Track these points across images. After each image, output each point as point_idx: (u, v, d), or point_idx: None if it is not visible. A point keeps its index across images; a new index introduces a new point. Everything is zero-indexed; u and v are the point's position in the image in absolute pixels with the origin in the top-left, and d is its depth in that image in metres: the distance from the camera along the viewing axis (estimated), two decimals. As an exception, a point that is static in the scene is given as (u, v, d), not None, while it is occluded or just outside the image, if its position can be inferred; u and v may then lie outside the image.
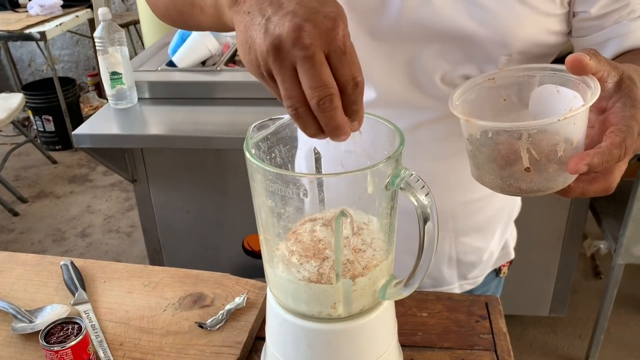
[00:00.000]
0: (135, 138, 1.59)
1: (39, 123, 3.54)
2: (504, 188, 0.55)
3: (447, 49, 0.71)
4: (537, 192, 0.54)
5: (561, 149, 0.51)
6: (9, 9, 3.42)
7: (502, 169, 0.54)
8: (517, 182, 0.54)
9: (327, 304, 0.54)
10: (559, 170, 0.52)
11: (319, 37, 0.43)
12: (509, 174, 0.54)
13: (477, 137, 0.55)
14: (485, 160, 0.55)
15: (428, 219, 0.49)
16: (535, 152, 0.51)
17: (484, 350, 0.73)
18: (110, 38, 1.56)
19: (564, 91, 0.55)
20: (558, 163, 0.52)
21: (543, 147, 0.51)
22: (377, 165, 0.49)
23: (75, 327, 0.67)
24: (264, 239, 0.56)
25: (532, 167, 0.52)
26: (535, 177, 0.53)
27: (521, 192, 0.54)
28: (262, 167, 0.50)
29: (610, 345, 2.06)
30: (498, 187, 0.55)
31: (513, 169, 0.53)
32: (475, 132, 0.55)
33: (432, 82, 0.74)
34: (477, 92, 0.60)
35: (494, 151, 0.54)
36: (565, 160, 0.51)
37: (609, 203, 1.94)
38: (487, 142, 0.54)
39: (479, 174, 0.57)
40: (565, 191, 0.55)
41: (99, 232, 2.82)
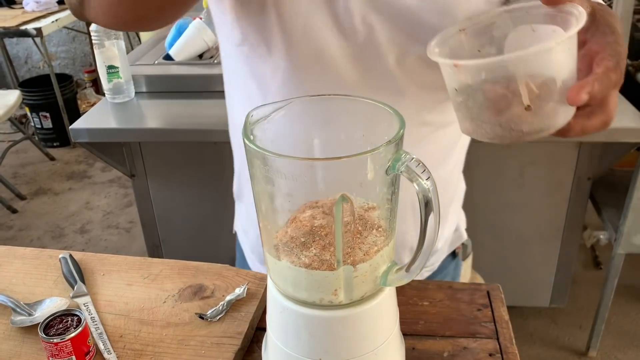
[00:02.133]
0: (133, 132, 1.58)
1: (37, 120, 3.53)
2: (504, 135, 0.51)
3: (395, 31, 0.68)
4: (539, 132, 0.51)
5: (559, 80, 0.49)
6: (5, 5, 3.40)
7: (500, 113, 0.50)
8: (518, 125, 0.50)
9: (328, 290, 0.53)
10: (559, 104, 0.50)
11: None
12: (509, 117, 0.50)
13: (468, 83, 0.51)
14: (480, 107, 0.51)
15: (430, 202, 0.48)
16: (535, 85, 0.48)
17: (486, 338, 0.73)
18: (106, 32, 1.55)
19: (540, 28, 0.52)
20: (557, 96, 0.49)
21: (540, 79, 0.49)
22: (377, 149, 0.48)
23: (74, 319, 0.67)
24: (264, 226, 0.56)
25: (532, 104, 0.49)
26: (535, 116, 0.50)
27: (524, 135, 0.51)
28: (262, 152, 0.49)
29: (610, 335, 2.06)
30: (497, 136, 0.52)
31: (512, 110, 0.50)
32: (466, 78, 0.51)
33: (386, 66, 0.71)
34: (449, 45, 0.57)
35: (491, 94, 0.50)
36: (564, 92, 0.49)
37: (609, 193, 1.94)
38: (482, 85, 0.50)
39: (474, 126, 0.53)
40: (565, 131, 0.53)
41: (98, 228, 2.82)
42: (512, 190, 1.83)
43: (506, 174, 1.80)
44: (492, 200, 1.85)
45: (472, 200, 1.89)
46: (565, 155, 1.74)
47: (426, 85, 0.72)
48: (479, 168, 1.79)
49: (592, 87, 0.48)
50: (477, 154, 1.82)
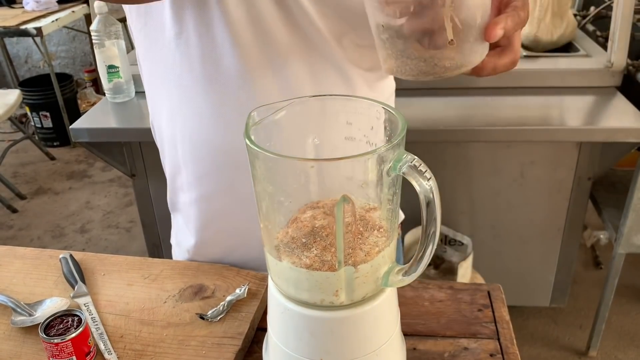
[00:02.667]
0: (133, 131, 1.58)
1: (37, 119, 3.53)
2: (428, 71, 0.54)
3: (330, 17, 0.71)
4: (459, 67, 0.54)
5: (479, 16, 0.52)
6: (5, 4, 3.40)
7: (424, 48, 0.53)
8: (441, 61, 0.53)
9: (329, 291, 0.53)
10: (477, 40, 0.53)
11: None
12: (432, 53, 0.53)
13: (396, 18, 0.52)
14: (405, 43, 0.53)
15: (431, 203, 0.48)
16: (459, 20, 0.51)
17: (486, 338, 0.73)
18: (106, 31, 1.55)
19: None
20: (477, 32, 0.53)
21: (464, 14, 0.51)
22: (378, 149, 0.48)
23: (75, 319, 0.67)
24: (265, 227, 0.56)
25: (456, 38, 0.52)
26: (457, 52, 0.53)
27: (445, 71, 0.54)
28: (263, 152, 0.49)
29: (611, 335, 2.06)
30: (421, 72, 0.54)
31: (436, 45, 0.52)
32: (393, 12, 0.52)
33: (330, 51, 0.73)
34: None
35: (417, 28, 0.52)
36: (481, 29, 0.53)
37: (609, 193, 1.93)
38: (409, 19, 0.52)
39: (399, 63, 0.55)
40: (479, 69, 0.57)
41: (98, 227, 2.82)
42: (512, 190, 1.83)
43: (506, 174, 1.80)
44: (493, 200, 1.85)
45: (473, 200, 1.89)
46: (566, 155, 1.74)
47: (363, 66, 0.77)
48: (479, 168, 1.79)
49: (506, 23, 0.53)
50: (477, 154, 1.83)
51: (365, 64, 0.77)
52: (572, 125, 1.51)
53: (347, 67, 0.76)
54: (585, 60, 1.72)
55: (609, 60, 1.63)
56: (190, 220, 0.87)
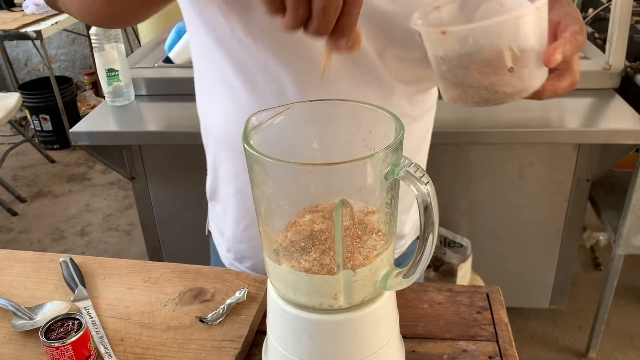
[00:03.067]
0: (133, 135, 1.58)
1: (36, 122, 3.53)
2: (489, 98, 0.55)
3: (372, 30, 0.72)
4: (520, 93, 0.55)
5: (537, 43, 0.54)
6: (5, 8, 3.40)
7: (485, 77, 0.54)
8: (502, 87, 0.55)
9: (328, 294, 0.54)
10: (537, 66, 0.55)
11: None
12: (493, 80, 0.54)
13: (455, 49, 0.54)
14: (465, 73, 0.55)
15: (429, 207, 0.49)
16: (517, 49, 0.53)
17: (485, 341, 0.73)
18: (106, 35, 1.55)
19: (507, 3, 0.56)
20: (535, 58, 0.54)
21: (522, 42, 0.53)
22: (376, 154, 0.48)
23: (75, 323, 0.67)
24: (264, 231, 0.56)
25: (515, 67, 0.53)
26: (516, 78, 0.54)
27: (506, 97, 0.55)
28: (261, 157, 0.49)
29: (610, 337, 2.06)
30: (482, 99, 0.56)
31: (496, 73, 0.54)
32: (453, 45, 0.54)
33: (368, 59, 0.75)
34: (427, 20, 0.61)
35: (476, 59, 0.53)
36: (540, 55, 0.54)
37: (608, 194, 1.94)
38: (468, 50, 0.53)
39: (460, 92, 0.57)
40: (539, 93, 0.58)
41: (98, 230, 2.82)
42: (511, 191, 1.83)
43: (505, 175, 1.81)
44: (492, 202, 1.86)
45: (472, 201, 1.90)
46: (565, 156, 1.74)
47: (404, 79, 0.77)
48: (479, 170, 1.79)
49: (564, 48, 0.54)
50: (477, 156, 1.83)
51: (406, 77, 0.78)
52: (571, 127, 1.51)
53: (388, 80, 0.77)
54: (583, 62, 1.72)
55: (607, 62, 1.63)
56: (228, 211, 0.92)
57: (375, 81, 0.76)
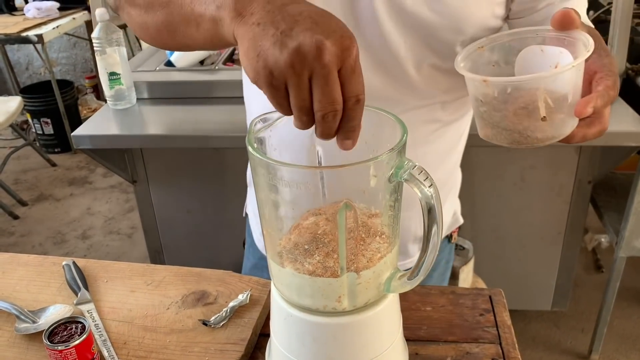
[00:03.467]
0: (135, 138, 1.58)
1: (38, 126, 3.54)
2: (521, 141, 0.60)
3: (413, 41, 0.74)
4: (551, 139, 0.59)
5: (570, 96, 0.57)
6: (6, 12, 3.41)
7: (519, 122, 0.58)
8: (534, 133, 0.58)
9: (332, 297, 0.54)
10: (568, 115, 0.58)
11: (336, 55, 0.47)
12: (526, 126, 0.58)
13: (494, 96, 0.58)
14: (502, 117, 0.59)
15: (433, 209, 0.49)
16: (551, 100, 0.56)
17: (488, 343, 0.73)
18: (108, 38, 1.56)
19: (548, 49, 0.60)
20: (568, 109, 0.57)
21: (557, 95, 0.57)
22: (380, 157, 0.49)
23: (78, 326, 0.67)
24: (268, 234, 0.56)
25: (548, 116, 0.57)
26: (549, 125, 0.58)
27: (537, 142, 0.59)
28: (265, 160, 0.49)
29: (613, 339, 2.05)
30: (515, 141, 0.60)
31: (530, 120, 0.58)
32: (492, 92, 0.58)
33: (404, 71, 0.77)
34: (470, 60, 0.65)
35: (514, 106, 0.57)
36: (572, 106, 0.57)
37: (609, 196, 1.94)
38: (506, 98, 0.57)
39: (494, 132, 0.61)
40: (569, 138, 0.61)
41: (99, 234, 2.82)
42: (513, 194, 1.83)
43: (507, 178, 1.81)
44: (494, 204, 1.86)
45: (474, 204, 1.90)
46: (566, 159, 1.74)
47: (441, 87, 0.80)
48: (480, 172, 1.79)
49: (596, 102, 0.56)
50: (478, 158, 1.83)
51: (443, 86, 0.80)
52: (572, 130, 1.51)
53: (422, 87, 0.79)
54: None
55: (608, 64, 1.63)
56: None
57: (409, 87, 0.78)
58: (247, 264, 1.11)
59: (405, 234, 0.91)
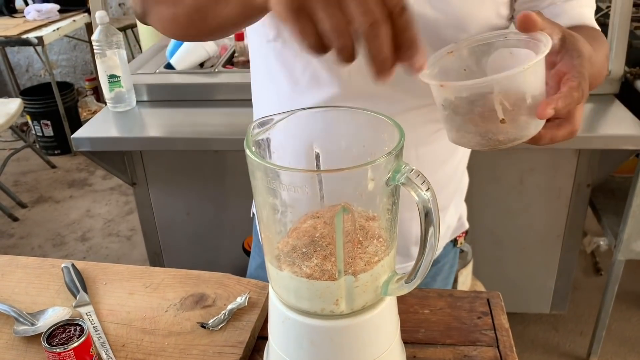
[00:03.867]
0: (135, 141, 1.59)
1: (38, 128, 3.54)
2: (484, 143, 0.59)
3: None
4: (513, 141, 0.58)
5: (529, 97, 0.56)
6: (6, 14, 3.42)
7: (480, 125, 0.58)
8: (495, 135, 0.58)
9: (329, 300, 0.54)
10: (530, 117, 0.57)
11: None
12: (486, 128, 0.58)
13: (452, 100, 0.58)
14: (462, 120, 0.59)
15: (430, 213, 0.49)
16: (507, 102, 0.56)
17: (486, 346, 0.73)
18: (108, 41, 1.56)
19: (516, 52, 0.60)
20: (528, 111, 0.57)
21: (513, 97, 0.56)
22: (377, 160, 0.49)
23: (77, 328, 0.67)
24: (266, 237, 0.56)
25: (506, 118, 0.57)
26: (510, 127, 0.57)
27: (500, 144, 0.59)
28: (263, 164, 0.50)
29: (611, 342, 2.06)
30: (479, 144, 0.60)
31: (490, 123, 0.57)
32: (450, 96, 0.58)
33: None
34: (439, 66, 0.64)
35: (471, 109, 0.57)
36: (534, 107, 0.56)
37: (608, 199, 1.94)
38: (464, 102, 0.57)
39: (459, 135, 0.61)
40: (536, 139, 0.60)
41: (98, 236, 2.82)
42: (512, 197, 1.83)
43: (506, 180, 1.81)
44: (493, 207, 1.86)
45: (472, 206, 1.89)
46: (565, 162, 1.74)
47: None
48: (479, 175, 1.79)
49: (557, 104, 0.55)
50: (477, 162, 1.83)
51: None
52: (571, 133, 1.52)
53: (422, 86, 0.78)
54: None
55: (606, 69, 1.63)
56: None
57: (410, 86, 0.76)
58: (253, 264, 1.11)
59: (407, 235, 0.90)
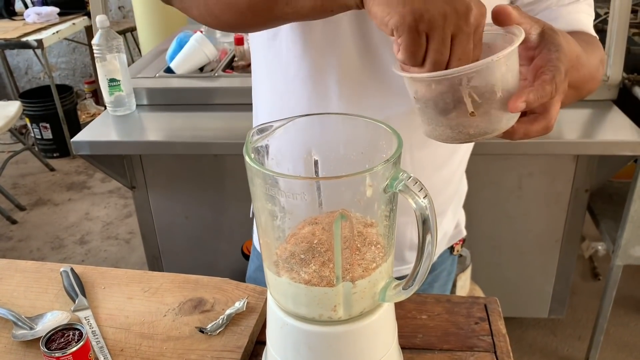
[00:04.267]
0: (134, 144, 1.59)
1: (37, 131, 3.54)
2: (455, 136, 0.58)
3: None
4: (484, 134, 0.58)
5: (499, 90, 0.55)
6: (6, 17, 3.42)
7: (449, 118, 0.57)
8: (466, 128, 0.57)
9: (327, 306, 0.54)
10: (501, 111, 0.56)
11: (477, 19, 0.51)
12: (457, 122, 0.57)
13: (423, 92, 0.58)
14: (433, 113, 0.58)
15: (427, 220, 0.49)
16: (477, 95, 0.55)
17: (483, 351, 0.73)
18: (108, 45, 1.56)
19: (493, 45, 0.59)
20: (499, 104, 0.56)
21: (483, 90, 0.55)
22: (375, 168, 0.49)
23: (76, 333, 0.68)
24: (264, 243, 0.57)
25: (476, 111, 0.56)
26: (480, 120, 0.57)
27: (471, 137, 0.58)
28: (262, 170, 0.50)
29: (609, 347, 2.06)
30: (450, 137, 0.59)
31: (459, 116, 0.57)
32: (421, 88, 0.58)
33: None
34: None
35: (440, 101, 0.57)
36: (505, 101, 0.56)
37: (606, 205, 1.94)
38: (433, 94, 0.57)
39: (430, 129, 0.60)
40: (510, 133, 0.59)
41: (97, 239, 2.82)
42: (510, 201, 1.84)
43: (504, 185, 1.81)
44: (491, 212, 1.86)
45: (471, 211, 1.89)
46: (563, 167, 1.75)
47: None
48: (478, 180, 1.80)
49: (528, 97, 0.55)
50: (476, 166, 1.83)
51: None
52: (569, 139, 1.52)
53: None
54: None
55: (605, 74, 1.64)
56: None
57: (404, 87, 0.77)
58: (252, 266, 1.11)
59: (401, 239, 0.91)
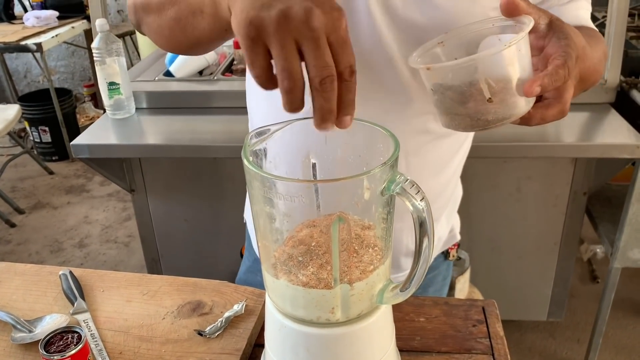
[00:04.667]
0: (133, 148, 1.59)
1: (36, 134, 3.54)
2: (473, 124, 0.60)
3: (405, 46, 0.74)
4: (502, 120, 0.59)
5: (515, 76, 0.57)
6: (5, 20, 3.43)
7: (467, 106, 0.59)
8: (484, 115, 0.59)
9: (325, 308, 0.54)
10: (517, 96, 0.58)
11: (326, 24, 0.47)
12: (475, 109, 0.58)
13: (440, 83, 0.59)
14: (451, 103, 0.59)
15: (424, 223, 0.50)
16: (493, 82, 0.57)
17: (481, 354, 0.73)
18: (107, 49, 1.57)
19: (504, 38, 0.60)
20: (515, 90, 0.57)
21: (498, 77, 0.57)
22: (372, 171, 0.49)
23: (74, 336, 0.68)
24: (262, 245, 0.57)
25: (493, 98, 0.57)
26: (497, 106, 0.58)
27: (489, 124, 0.59)
28: (260, 173, 0.50)
29: (608, 349, 2.06)
30: (469, 126, 0.60)
31: (477, 104, 0.58)
32: (437, 79, 0.59)
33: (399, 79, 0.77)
34: (430, 56, 0.65)
35: (457, 91, 0.58)
36: (521, 86, 0.57)
37: (604, 207, 1.95)
38: (450, 83, 0.58)
39: (449, 119, 0.61)
40: (526, 119, 0.61)
41: (96, 242, 2.82)
42: (509, 204, 1.84)
43: (503, 188, 1.82)
44: (489, 215, 1.87)
45: (469, 214, 1.90)
46: (562, 170, 1.75)
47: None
48: (476, 183, 1.80)
49: (542, 81, 0.56)
50: (474, 169, 1.84)
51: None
52: (568, 142, 1.53)
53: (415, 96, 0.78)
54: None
55: (602, 77, 1.65)
56: None
57: (402, 95, 0.78)
58: (242, 268, 1.11)
59: (397, 246, 0.90)
